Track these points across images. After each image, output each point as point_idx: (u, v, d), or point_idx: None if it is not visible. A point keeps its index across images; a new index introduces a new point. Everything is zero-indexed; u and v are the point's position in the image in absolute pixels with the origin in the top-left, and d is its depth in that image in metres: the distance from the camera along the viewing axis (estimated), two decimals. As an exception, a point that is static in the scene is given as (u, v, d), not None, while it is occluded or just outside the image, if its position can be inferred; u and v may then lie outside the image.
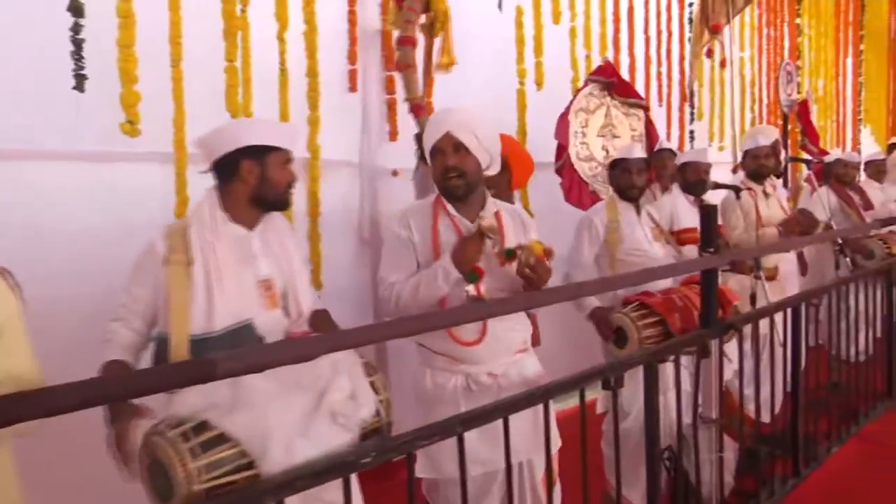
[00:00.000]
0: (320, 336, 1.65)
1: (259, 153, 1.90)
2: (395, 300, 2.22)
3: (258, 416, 1.49)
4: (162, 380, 1.21)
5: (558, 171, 4.43)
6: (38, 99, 2.59)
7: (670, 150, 4.49)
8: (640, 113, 4.70)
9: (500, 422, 1.78)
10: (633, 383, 2.62)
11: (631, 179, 3.19)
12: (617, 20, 5.20)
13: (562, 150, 4.40)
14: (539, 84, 4.52)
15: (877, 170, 6.00)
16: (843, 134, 8.90)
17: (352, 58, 3.58)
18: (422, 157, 2.62)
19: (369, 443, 1.66)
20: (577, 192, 4.45)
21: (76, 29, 2.69)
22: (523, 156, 3.04)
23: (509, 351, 2.30)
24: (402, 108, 3.68)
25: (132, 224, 2.91)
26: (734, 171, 5.50)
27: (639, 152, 3.30)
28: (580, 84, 4.63)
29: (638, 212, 3.23)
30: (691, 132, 6.16)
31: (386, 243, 2.36)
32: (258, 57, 3.20)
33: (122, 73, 2.75)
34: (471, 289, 2.15)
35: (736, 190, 3.63)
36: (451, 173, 2.20)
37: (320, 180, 3.46)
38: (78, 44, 2.69)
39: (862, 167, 6.10)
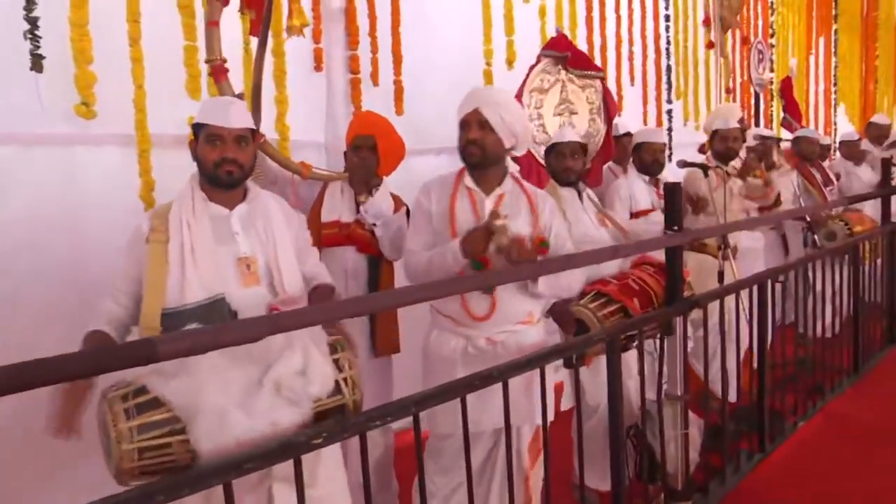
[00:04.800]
0: (269, 317, 1.64)
1: (196, 131, 1.98)
2: (413, 269, 2.39)
3: (195, 384, 1.58)
4: (101, 362, 1.19)
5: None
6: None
7: (628, 134, 4.43)
8: (597, 83, 4.42)
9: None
10: (597, 374, 2.63)
11: (565, 163, 3.14)
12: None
13: (514, 133, 4.34)
14: (510, 63, 4.48)
15: (850, 150, 6.02)
16: (817, 113, 8.97)
17: (316, 36, 3.53)
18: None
19: (328, 422, 1.67)
20: (536, 177, 4.35)
21: (29, 7, 2.62)
22: (394, 140, 2.94)
23: (511, 320, 2.39)
24: (367, 88, 3.66)
25: (90, 209, 2.89)
26: (701, 150, 5.51)
27: (571, 135, 3.24)
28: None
29: (581, 198, 3.16)
30: (669, 111, 6.17)
31: (412, 212, 2.53)
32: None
33: (77, 52, 2.68)
34: None
35: (704, 168, 3.62)
36: (470, 145, 2.36)
37: (290, 160, 3.42)
38: (32, 22, 2.61)
39: (836, 147, 6.14)
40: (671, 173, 4.14)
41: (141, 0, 2.86)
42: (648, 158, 3.74)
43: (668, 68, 6.09)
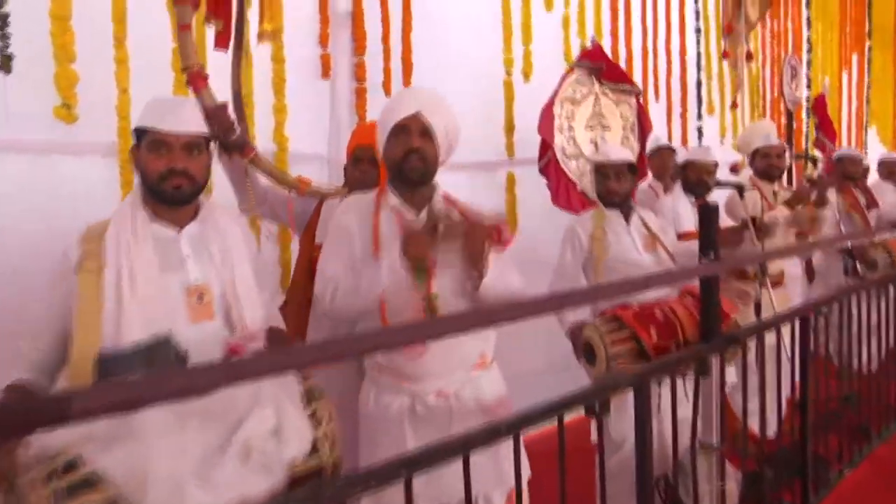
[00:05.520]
0: (226, 364, 1.35)
1: (138, 137, 1.69)
2: (332, 296, 1.96)
3: (141, 451, 1.25)
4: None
5: (542, 171, 4.09)
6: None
7: (668, 148, 4.20)
8: (632, 100, 4.34)
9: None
10: (623, 409, 2.35)
11: (608, 185, 2.91)
12: (614, 9, 4.90)
13: (546, 146, 4.06)
14: (527, 75, 4.22)
15: (889, 170, 5.68)
16: (849, 133, 8.61)
17: (323, 40, 3.29)
18: (225, 146, 2.24)
19: (303, 490, 1.38)
20: (564, 193, 4.10)
21: (-1, 2, 2.40)
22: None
23: (463, 366, 2.01)
24: (373, 97, 3.41)
25: (70, 223, 2.63)
26: (734, 169, 5.20)
27: (618, 154, 3.00)
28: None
29: (627, 218, 2.93)
30: (699, 128, 5.87)
31: (328, 235, 2.11)
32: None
33: (57, 48, 2.47)
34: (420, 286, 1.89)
35: (739, 188, 3.32)
36: (413, 155, 1.97)
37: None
38: (3, 19, 2.39)
39: (875, 167, 5.80)
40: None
41: (128, -3, 2.64)
42: (694, 178, 3.52)
43: (699, 83, 5.79)
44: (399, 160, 1.99)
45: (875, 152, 7.64)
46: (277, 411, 1.41)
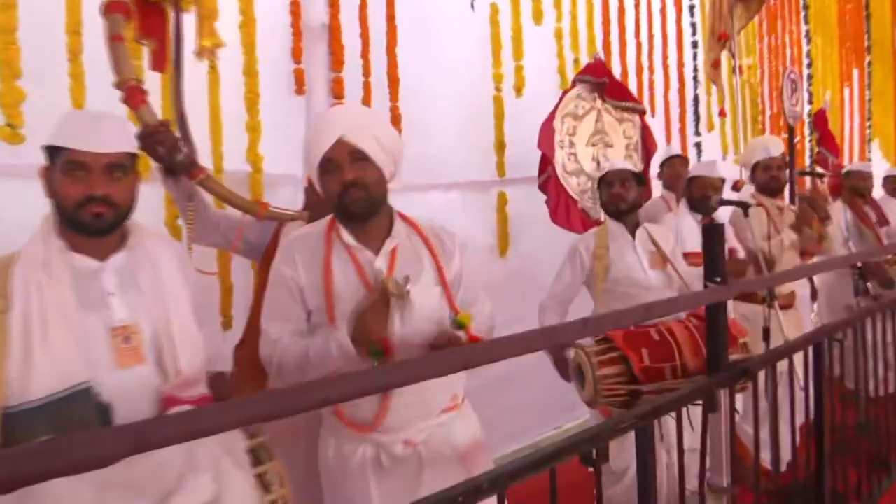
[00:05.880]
0: (147, 424, 1.12)
1: (52, 157, 1.47)
2: (277, 365, 1.70)
3: None
4: None
5: (542, 187, 3.93)
6: None
7: (680, 156, 4.03)
8: (636, 118, 4.21)
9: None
10: (622, 437, 2.15)
11: (612, 190, 2.80)
12: (606, 22, 4.73)
13: (546, 161, 3.91)
14: (518, 90, 4.04)
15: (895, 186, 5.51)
16: (851, 148, 8.44)
17: (296, 55, 3.10)
18: (170, 168, 2.02)
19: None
20: (564, 210, 3.93)
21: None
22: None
23: (432, 411, 1.77)
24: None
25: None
26: (736, 187, 5.01)
27: (622, 164, 2.91)
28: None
29: (633, 233, 2.76)
30: (697, 144, 5.68)
31: (269, 283, 1.81)
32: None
33: (2, 64, 2.29)
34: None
35: (744, 206, 3.12)
36: (351, 190, 1.70)
37: (264, 197, 2.97)
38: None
39: (881, 182, 5.62)
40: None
41: (83, 8, 2.46)
42: (699, 194, 3.30)
43: (696, 98, 5.62)
44: (336, 198, 1.73)
45: (879, 167, 7.47)
46: (217, 477, 1.19)
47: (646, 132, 4.28)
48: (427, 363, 1.45)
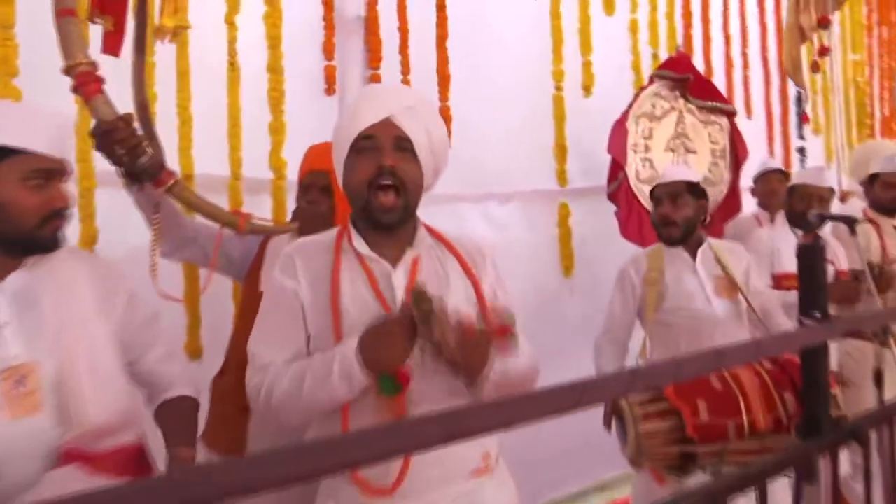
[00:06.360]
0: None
1: None
2: (266, 394, 1.37)
3: None
4: None
5: (612, 197, 3.49)
6: None
7: (779, 171, 3.51)
8: (724, 121, 3.71)
9: None
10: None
11: (660, 212, 2.38)
12: (687, 14, 4.23)
13: (617, 168, 3.47)
14: (587, 89, 3.61)
15: None
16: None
17: (328, 51, 2.80)
18: (132, 173, 1.69)
19: None
20: (636, 224, 3.48)
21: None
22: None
23: (461, 472, 1.40)
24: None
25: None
26: (842, 198, 4.39)
27: (674, 174, 2.44)
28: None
29: (694, 256, 2.34)
30: (800, 149, 5.06)
31: (265, 298, 1.52)
32: (197, 45, 2.48)
33: (-3, 61, 2.09)
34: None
35: (850, 223, 2.59)
36: (385, 179, 1.38)
37: (287, 207, 2.68)
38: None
39: None
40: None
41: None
42: (802, 206, 2.85)
43: (799, 97, 4.99)
44: (365, 188, 1.40)
45: None
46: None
47: (736, 137, 3.77)
48: (445, 424, 1.06)
